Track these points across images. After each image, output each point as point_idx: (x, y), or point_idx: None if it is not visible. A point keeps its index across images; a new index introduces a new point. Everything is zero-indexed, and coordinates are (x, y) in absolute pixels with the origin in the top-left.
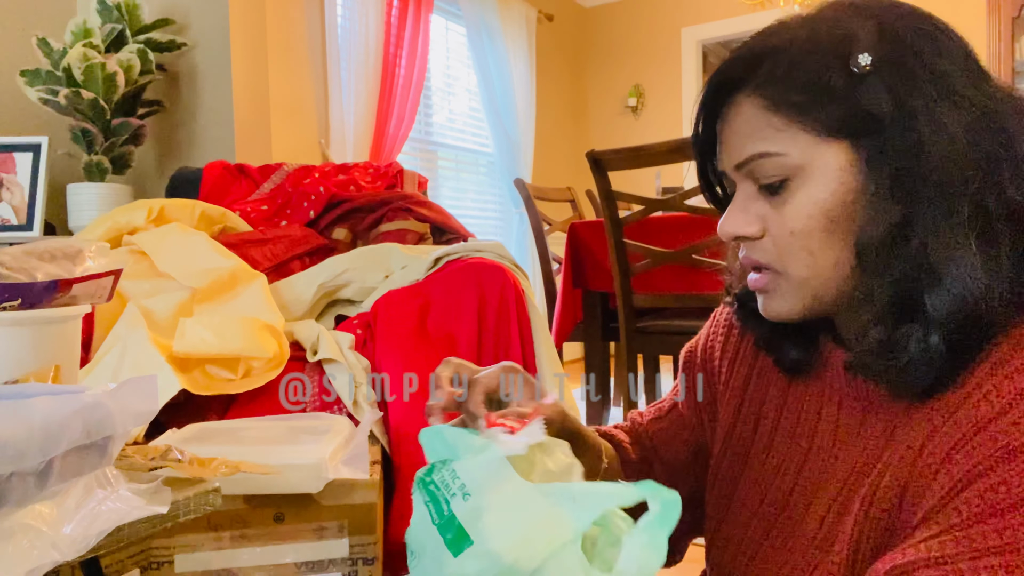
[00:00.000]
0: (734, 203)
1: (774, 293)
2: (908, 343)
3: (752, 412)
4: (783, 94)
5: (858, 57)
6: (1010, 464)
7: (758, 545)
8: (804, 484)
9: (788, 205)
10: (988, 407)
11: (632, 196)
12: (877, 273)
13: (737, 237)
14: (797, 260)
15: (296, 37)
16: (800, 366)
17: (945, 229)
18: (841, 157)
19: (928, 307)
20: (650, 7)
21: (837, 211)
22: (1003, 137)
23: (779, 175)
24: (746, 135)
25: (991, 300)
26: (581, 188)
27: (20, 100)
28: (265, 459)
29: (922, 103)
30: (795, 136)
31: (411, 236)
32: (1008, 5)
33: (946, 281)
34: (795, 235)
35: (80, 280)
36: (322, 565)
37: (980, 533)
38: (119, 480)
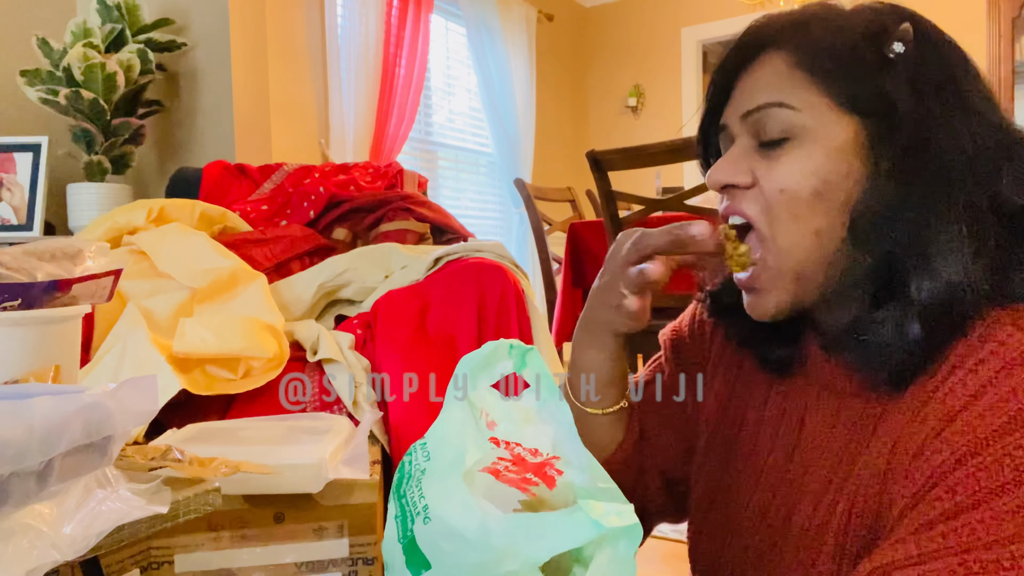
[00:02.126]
0: (728, 153)
1: (762, 291)
2: (886, 323)
3: (738, 412)
4: (814, 57)
5: (893, 44)
6: (976, 459)
7: (746, 545)
8: (790, 482)
9: (782, 162)
10: (954, 400)
11: (632, 196)
12: (866, 245)
13: (726, 186)
14: (781, 222)
15: (296, 37)
16: (785, 364)
17: (940, 218)
18: (848, 130)
19: (912, 289)
20: (650, 7)
21: (830, 180)
22: (1007, 152)
23: (783, 131)
24: (765, 85)
25: (973, 291)
26: (581, 188)
27: (20, 100)
28: (265, 459)
29: (938, 103)
30: (813, 98)
31: (411, 236)
32: (1008, 5)
33: (935, 266)
34: (784, 193)
35: (80, 280)
36: (322, 565)
37: (952, 530)
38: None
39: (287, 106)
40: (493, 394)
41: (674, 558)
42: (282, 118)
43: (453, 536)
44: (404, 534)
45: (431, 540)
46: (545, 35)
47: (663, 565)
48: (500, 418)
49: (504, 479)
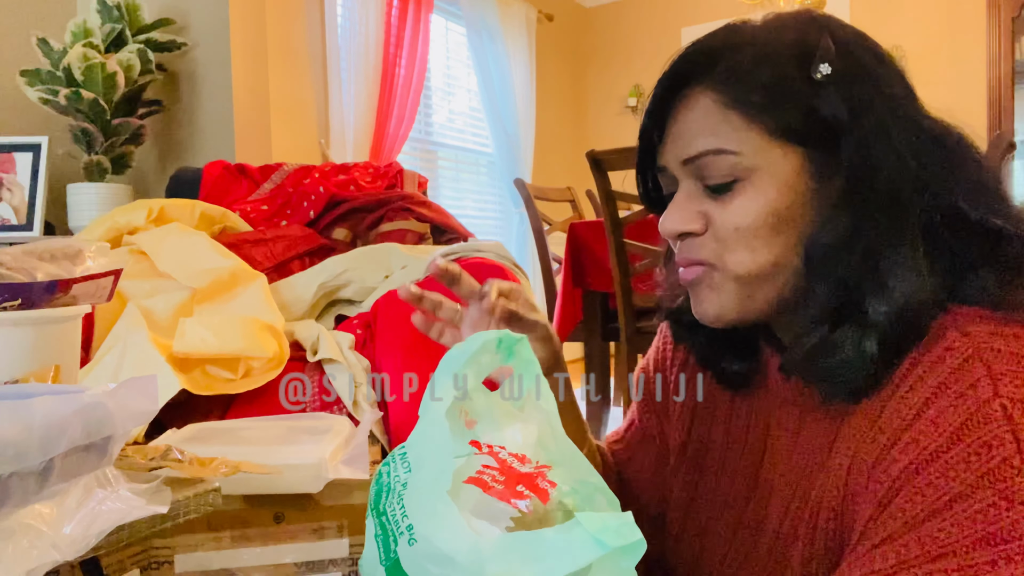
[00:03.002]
0: (676, 200)
1: (707, 289)
2: (844, 344)
3: (704, 431)
4: (742, 92)
5: (819, 66)
6: (933, 466)
7: (720, 558)
8: (761, 492)
9: (735, 202)
10: (907, 409)
11: (632, 196)
12: (822, 275)
13: (681, 234)
14: (736, 256)
15: (296, 37)
16: (742, 379)
17: (894, 240)
18: (794, 161)
19: (869, 311)
20: (650, 7)
21: (784, 212)
22: (948, 159)
23: (729, 175)
24: (699, 130)
25: (926, 304)
26: (581, 188)
27: (20, 100)
28: (265, 459)
29: (875, 120)
30: (750, 135)
31: (411, 236)
32: (1008, 5)
33: (890, 288)
34: (739, 231)
35: (80, 280)
36: (322, 565)
37: (914, 540)
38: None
39: (287, 106)
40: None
41: None
42: (282, 118)
43: (442, 560)
44: (387, 556)
45: (418, 563)
46: (545, 35)
47: None
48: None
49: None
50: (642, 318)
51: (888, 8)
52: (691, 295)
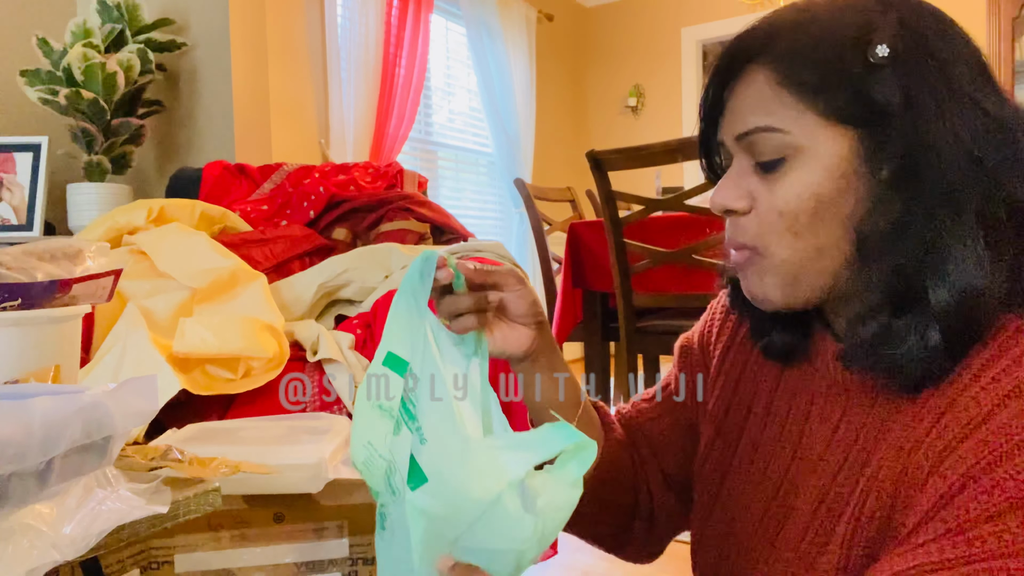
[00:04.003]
0: (727, 175)
1: (753, 274)
2: (907, 335)
3: (744, 402)
4: (797, 71)
5: (876, 48)
6: (1005, 466)
7: (747, 541)
8: (792, 478)
9: (780, 184)
10: (977, 409)
11: (632, 196)
12: (877, 262)
13: (726, 211)
14: (779, 240)
15: (296, 37)
16: (788, 353)
17: (952, 225)
18: (843, 144)
19: (931, 299)
20: (650, 7)
21: (830, 196)
22: (1010, 143)
23: (778, 152)
24: (752, 107)
25: (991, 296)
26: (581, 188)
27: (20, 100)
28: (265, 459)
29: (933, 103)
30: (801, 115)
31: (411, 236)
32: (1008, 5)
33: (951, 275)
34: (782, 215)
35: (80, 280)
36: (322, 565)
37: (978, 537)
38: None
39: (287, 106)
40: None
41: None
42: (282, 118)
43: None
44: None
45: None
46: (545, 35)
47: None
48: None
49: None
50: (642, 318)
51: None
52: (740, 277)
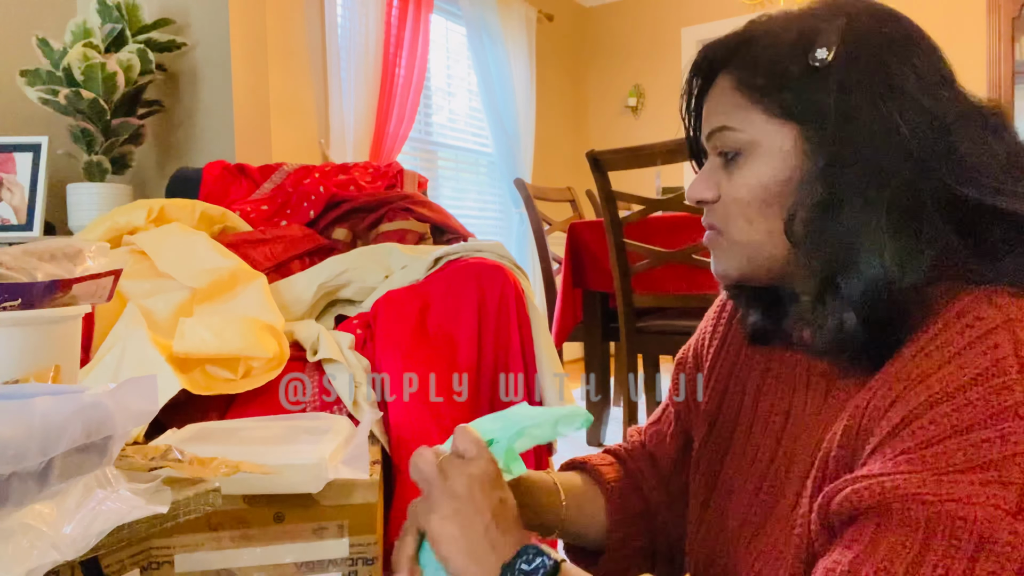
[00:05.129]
0: (701, 171)
1: (717, 251)
2: (826, 318)
3: (736, 396)
4: (750, 76)
5: (816, 52)
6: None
7: (739, 525)
8: (781, 460)
9: (736, 175)
10: (928, 363)
11: (632, 196)
12: (805, 249)
13: (698, 201)
14: (736, 225)
15: (296, 37)
16: (762, 334)
17: (864, 216)
18: (787, 139)
19: (842, 287)
20: (650, 7)
21: (775, 187)
22: (945, 138)
23: (734, 148)
24: (715, 110)
25: (906, 283)
26: (581, 188)
27: (20, 100)
28: (265, 459)
29: (868, 100)
30: (751, 115)
31: (411, 236)
32: (1008, 5)
33: (860, 265)
34: (737, 202)
35: (80, 280)
36: (322, 565)
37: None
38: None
39: (287, 106)
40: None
41: None
42: (282, 118)
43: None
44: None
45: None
46: (545, 35)
47: None
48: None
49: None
50: (642, 318)
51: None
52: (711, 256)
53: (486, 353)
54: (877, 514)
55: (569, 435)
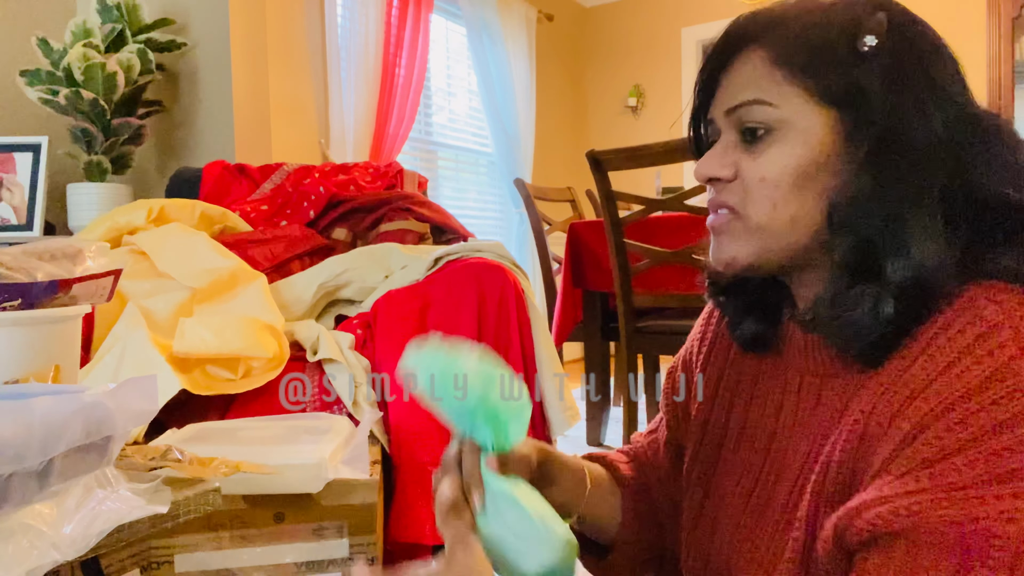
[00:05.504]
0: (713, 149)
1: (728, 234)
2: (861, 300)
3: (726, 403)
4: (790, 53)
5: (865, 38)
6: (955, 412)
7: (732, 529)
8: (772, 463)
9: (765, 155)
10: (933, 366)
11: (632, 196)
12: (843, 232)
13: (711, 179)
14: (759, 206)
15: (296, 37)
16: (759, 341)
17: (916, 205)
18: (825, 122)
19: (888, 271)
20: (650, 7)
21: (809, 169)
22: (980, 136)
23: (764, 124)
24: (745, 83)
25: (943, 272)
26: (581, 188)
27: (20, 100)
28: (265, 459)
29: (911, 92)
30: (790, 93)
31: (411, 236)
32: (1008, 5)
33: (911, 250)
34: (764, 182)
35: (80, 280)
36: (322, 565)
37: (932, 474)
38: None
39: (287, 106)
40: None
41: None
42: (282, 118)
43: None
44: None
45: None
46: (545, 35)
47: None
48: None
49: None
50: (642, 318)
51: None
52: (713, 241)
53: None
54: (905, 539)
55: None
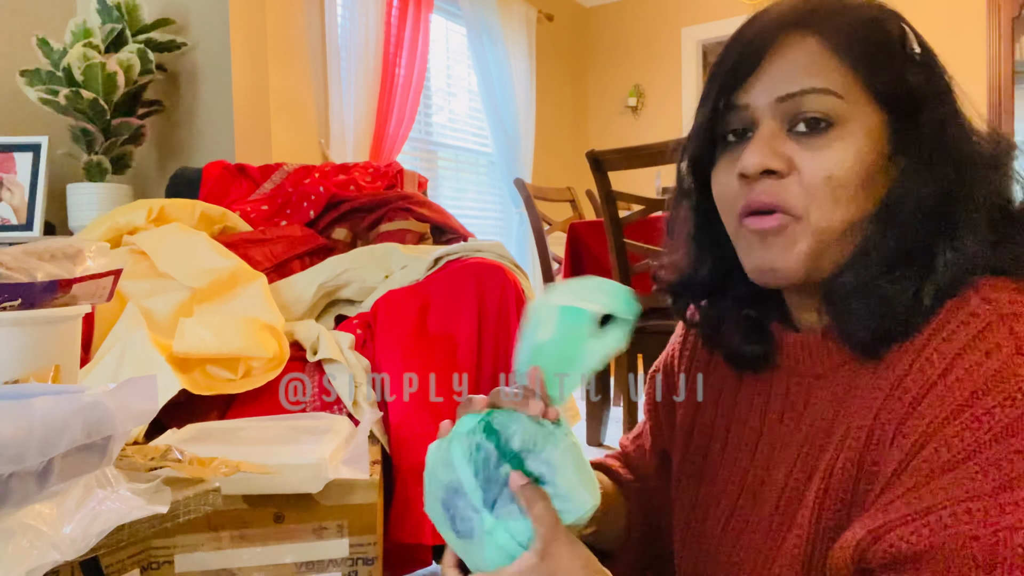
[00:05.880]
0: (759, 137)
1: (782, 240)
2: (901, 281)
3: (709, 405)
4: (849, 43)
5: (913, 43)
6: (957, 421)
7: (720, 534)
8: (758, 464)
9: (830, 150)
10: (931, 369)
11: (632, 196)
12: (899, 230)
13: (765, 171)
14: (823, 207)
15: (296, 37)
16: (759, 360)
17: (966, 207)
18: (876, 120)
19: (940, 264)
20: (650, 7)
21: (871, 169)
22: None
23: (829, 116)
24: (804, 69)
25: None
26: (581, 188)
27: (20, 100)
28: (265, 459)
29: (951, 102)
30: (852, 83)
31: (411, 236)
32: (1008, 5)
33: (967, 247)
34: (831, 180)
35: (80, 280)
36: (322, 565)
37: (942, 486)
38: (119, 480)
39: (287, 106)
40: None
41: None
42: (282, 118)
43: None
44: None
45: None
46: (545, 35)
47: None
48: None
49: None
50: (642, 318)
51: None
52: (757, 245)
53: (486, 353)
54: (931, 560)
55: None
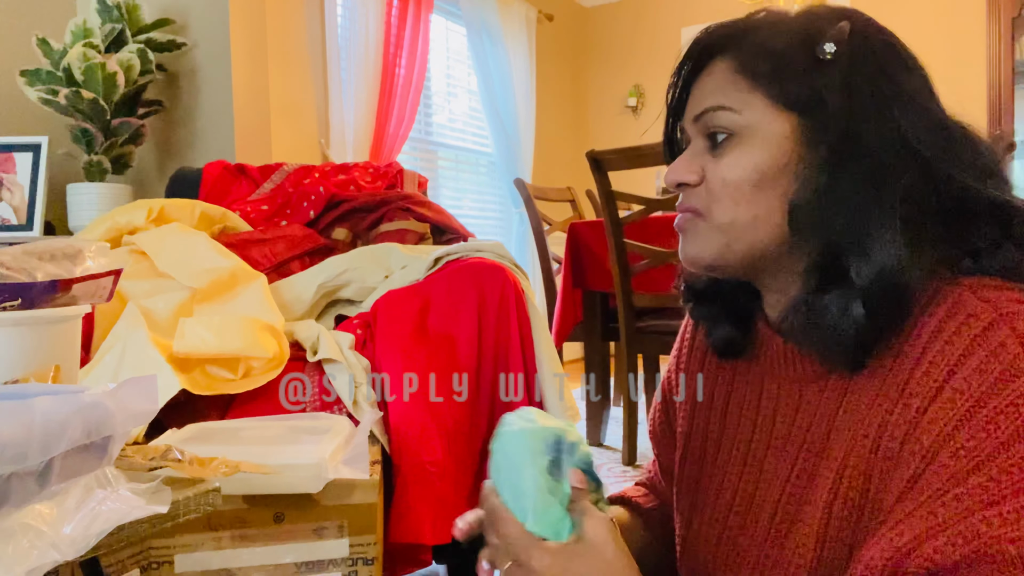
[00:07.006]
0: (682, 155)
1: (692, 233)
2: (830, 306)
3: (704, 409)
4: (753, 61)
5: (824, 46)
6: (970, 424)
7: (715, 541)
8: (751, 471)
9: (727, 157)
10: (936, 374)
11: (632, 196)
12: (805, 236)
13: (679, 184)
14: (721, 206)
15: (296, 37)
16: (732, 346)
17: (874, 206)
18: (786, 127)
19: (852, 274)
20: (650, 7)
21: (769, 172)
22: (947, 139)
23: (727, 128)
24: (711, 90)
25: (912, 272)
26: (581, 188)
27: (20, 100)
28: (265, 459)
29: (872, 98)
30: (752, 99)
31: (411, 236)
32: (1008, 5)
33: (871, 252)
34: (726, 184)
35: (80, 280)
36: (322, 565)
37: (963, 494)
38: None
39: (287, 106)
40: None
41: None
42: (282, 118)
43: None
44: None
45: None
46: (545, 35)
47: None
48: None
49: None
50: (642, 318)
51: (888, 8)
52: (680, 240)
53: (486, 353)
54: (971, 568)
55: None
